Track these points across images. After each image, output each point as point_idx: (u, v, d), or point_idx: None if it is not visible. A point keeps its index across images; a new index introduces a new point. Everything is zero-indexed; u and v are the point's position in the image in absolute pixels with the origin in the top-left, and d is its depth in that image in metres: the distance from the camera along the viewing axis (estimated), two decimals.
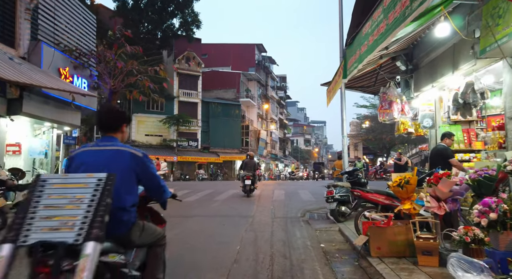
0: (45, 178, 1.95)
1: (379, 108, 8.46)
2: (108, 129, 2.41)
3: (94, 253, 1.64)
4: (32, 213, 1.79)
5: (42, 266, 1.68)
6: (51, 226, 1.75)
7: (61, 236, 1.71)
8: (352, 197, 7.40)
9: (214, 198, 12.07)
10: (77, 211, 1.80)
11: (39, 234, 1.71)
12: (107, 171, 2.00)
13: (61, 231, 1.74)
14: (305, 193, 13.94)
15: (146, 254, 2.41)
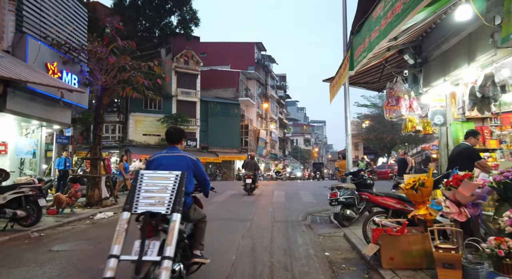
0: (142, 172, 3.06)
1: (386, 105, 7.95)
2: (173, 142, 3.76)
3: (177, 220, 2.71)
4: (138, 193, 2.89)
5: (149, 226, 2.77)
6: (150, 203, 2.84)
7: (157, 209, 2.80)
8: (357, 200, 6.91)
9: (211, 200, 11.54)
10: (165, 194, 2.88)
11: (143, 207, 2.82)
12: (176, 170, 3.07)
13: (157, 206, 2.82)
14: (306, 194, 13.44)
15: (194, 227, 3.69)
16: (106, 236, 6.16)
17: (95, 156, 10.01)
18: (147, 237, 2.78)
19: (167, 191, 2.93)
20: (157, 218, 2.85)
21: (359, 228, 6.50)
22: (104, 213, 8.69)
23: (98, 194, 9.88)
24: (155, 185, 2.97)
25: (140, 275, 2.59)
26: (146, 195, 2.92)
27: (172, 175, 3.02)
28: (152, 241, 2.77)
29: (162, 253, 2.62)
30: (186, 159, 3.54)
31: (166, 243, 2.65)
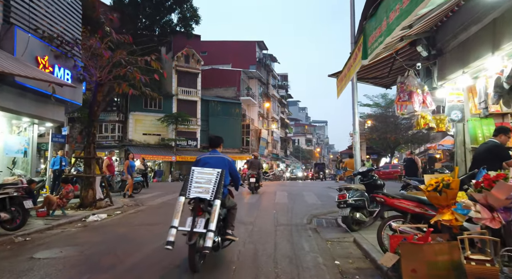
0: (193, 169, 4.23)
1: (397, 100, 7.44)
2: (214, 146, 4.89)
3: (218, 204, 3.94)
4: (190, 183, 4.09)
5: (198, 208, 3.98)
6: (199, 191, 4.04)
7: (204, 196, 4.01)
8: (368, 202, 6.41)
9: None
10: (209, 185, 4.07)
11: (194, 194, 4.03)
12: (217, 168, 4.24)
13: (203, 194, 4.02)
14: (310, 195, 12.93)
15: (227, 212, 4.66)
16: (96, 241, 5.68)
17: (89, 155, 9.53)
18: (196, 215, 4.02)
19: (211, 183, 4.14)
20: (204, 202, 4.06)
21: (370, 232, 6.00)
22: (97, 215, 8.20)
23: (92, 195, 9.40)
24: (203, 178, 4.19)
25: (191, 242, 3.79)
26: (196, 185, 4.15)
27: (215, 172, 4.23)
28: (200, 218, 3.98)
29: (207, 227, 3.85)
30: (224, 160, 4.67)
31: (210, 220, 3.89)
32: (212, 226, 3.82)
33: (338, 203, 6.29)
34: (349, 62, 6.37)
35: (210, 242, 3.76)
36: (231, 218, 4.71)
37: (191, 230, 3.85)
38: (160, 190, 15.41)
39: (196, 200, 4.09)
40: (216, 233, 4.07)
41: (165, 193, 13.89)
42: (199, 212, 4.03)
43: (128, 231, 6.44)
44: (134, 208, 9.81)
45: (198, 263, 3.92)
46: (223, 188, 4.16)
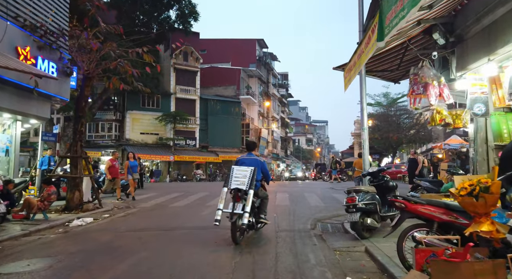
0: (233, 167, 5.69)
1: (409, 93, 6.75)
2: (250, 149, 6.25)
3: (251, 193, 5.28)
4: (231, 177, 5.52)
5: (237, 196, 5.37)
6: (237, 183, 5.43)
7: (241, 187, 5.38)
8: (380, 206, 5.74)
9: (207, 203, 10.39)
10: (245, 179, 5.42)
11: (234, 185, 5.44)
12: (251, 166, 5.56)
13: (240, 185, 5.39)
14: (312, 196, 12.24)
15: (260, 201, 5.89)
16: (73, 251, 5.00)
17: (76, 154, 8.86)
18: (236, 201, 5.33)
19: (246, 178, 5.43)
20: (241, 192, 5.36)
21: (383, 240, 5.31)
22: (82, 219, 7.53)
23: (79, 197, 8.73)
24: (240, 174, 5.50)
25: (232, 220, 5.16)
26: (235, 179, 5.48)
27: (249, 169, 5.52)
28: (238, 203, 5.29)
29: (243, 209, 5.18)
30: (257, 161, 5.95)
31: (246, 204, 5.20)
32: (247, 208, 5.20)
33: (347, 207, 5.62)
34: (359, 49, 5.69)
35: (246, 220, 5.16)
36: (263, 206, 6.03)
37: (232, 211, 5.28)
38: (156, 191, 14.74)
39: (235, 190, 5.50)
40: (251, 215, 5.40)
41: (160, 194, 13.22)
42: (238, 199, 5.41)
43: (112, 239, 5.77)
44: (124, 210, 9.14)
45: (238, 237, 5.31)
46: (255, 182, 5.54)
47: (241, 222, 5.16)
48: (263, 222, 5.94)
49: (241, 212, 5.19)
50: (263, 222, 5.92)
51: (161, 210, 9.26)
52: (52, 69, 8.98)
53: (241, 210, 5.21)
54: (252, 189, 5.33)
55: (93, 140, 30.95)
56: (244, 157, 6.07)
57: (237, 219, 5.19)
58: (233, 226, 5.21)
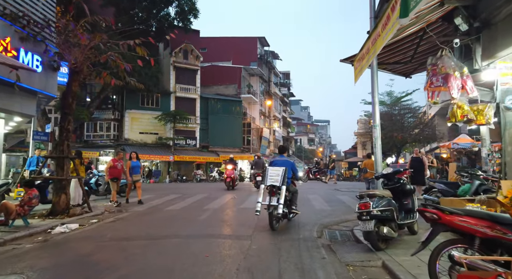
0: (268, 167, 6.89)
1: (427, 86, 6.06)
2: (281, 152, 7.45)
3: (284, 188, 6.33)
4: (266, 177, 6.61)
5: (272, 191, 6.38)
6: (272, 181, 6.46)
7: (275, 184, 6.40)
8: (397, 213, 5.05)
9: (205, 206, 9.72)
10: (278, 177, 6.43)
11: (269, 182, 6.47)
12: (282, 167, 6.61)
13: (275, 182, 6.41)
14: (316, 199, 11.56)
15: (291, 195, 6.90)
16: (44, 266, 4.33)
17: (62, 153, 8.20)
18: (271, 195, 6.35)
19: (279, 176, 6.48)
20: (275, 187, 6.40)
21: (402, 253, 4.65)
22: (66, 225, 6.87)
23: (65, 201, 8.08)
24: (274, 173, 6.57)
25: (269, 210, 6.27)
26: (270, 177, 6.54)
27: (281, 169, 6.58)
28: (274, 197, 6.34)
29: (278, 201, 6.19)
30: (287, 162, 7.02)
31: (279, 198, 6.23)
32: (281, 201, 6.18)
33: (360, 214, 4.93)
34: (373, 34, 5.00)
35: (280, 210, 6.12)
36: (294, 199, 7.08)
37: (269, 203, 6.28)
38: (153, 192, 14.08)
39: (271, 186, 6.43)
40: (284, 206, 6.37)
41: (156, 196, 12.56)
42: (273, 194, 6.36)
43: (93, 250, 5.10)
44: (115, 215, 8.48)
45: (274, 225, 6.31)
46: (287, 179, 6.57)
47: (277, 212, 6.22)
48: (294, 212, 7.04)
49: (276, 204, 6.23)
50: (294, 212, 7.03)
51: (155, 214, 8.60)
52: (37, 62, 8.33)
53: (276, 202, 6.26)
54: (284, 185, 6.42)
55: (91, 140, 30.34)
56: (276, 159, 7.26)
57: (273, 210, 6.28)
58: (270, 215, 6.35)
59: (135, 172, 10.60)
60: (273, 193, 6.39)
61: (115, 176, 10.19)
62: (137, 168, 10.74)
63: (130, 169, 10.49)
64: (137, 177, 10.68)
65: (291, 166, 6.94)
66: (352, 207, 9.64)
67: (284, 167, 6.60)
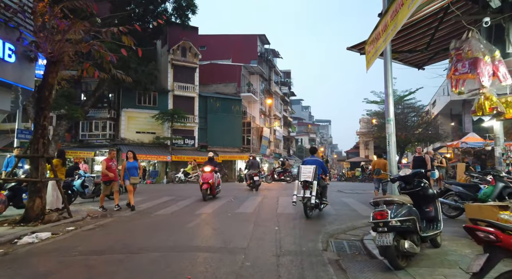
0: (300, 165, 8.35)
1: (450, 73, 5.22)
2: (312, 153, 8.75)
3: (315, 183, 7.60)
4: (299, 173, 7.89)
5: (305, 185, 7.64)
6: (305, 177, 7.73)
7: (308, 179, 7.65)
8: (419, 223, 4.20)
9: (196, 211, 8.87)
10: (310, 174, 7.69)
11: (303, 178, 7.73)
12: (313, 165, 7.88)
13: (308, 178, 7.66)
14: None
15: (322, 189, 8.10)
16: None
17: (37, 153, 7.36)
18: (305, 189, 7.48)
19: (311, 173, 7.59)
20: (308, 182, 7.50)
21: (427, 272, 3.82)
22: (36, 234, 6.04)
23: (40, 205, 7.24)
24: (306, 171, 7.70)
25: (304, 201, 7.55)
26: (303, 174, 7.67)
27: (312, 167, 7.73)
28: (307, 190, 7.48)
29: (311, 194, 7.41)
30: (317, 161, 8.16)
31: (312, 191, 7.43)
32: (313, 193, 7.47)
33: (375, 225, 4.07)
34: (390, 9, 4.15)
35: (313, 201, 7.44)
36: (324, 192, 8.22)
37: (303, 196, 7.55)
38: (146, 194, 13.24)
39: (304, 182, 7.63)
40: (316, 198, 7.54)
41: (149, 198, 11.72)
42: (306, 188, 7.59)
43: (54, 268, 4.26)
44: (97, 221, 7.65)
45: (308, 213, 7.61)
46: (317, 175, 7.76)
47: (310, 202, 7.47)
48: (324, 203, 8.34)
49: (309, 196, 7.48)
50: (324, 203, 8.33)
51: (141, 220, 7.76)
52: (9, 51, 7.48)
53: (309, 194, 7.50)
54: (315, 180, 7.63)
55: (86, 140, 29.54)
56: (308, 159, 8.46)
57: (307, 201, 7.51)
58: (304, 206, 7.62)
59: (132, 174, 9.35)
60: (306, 187, 7.63)
61: (110, 178, 9.13)
62: (134, 169, 9.44)
63: (125, 171, 9.35)
64: (135, 180, 9.42)
65: (320, 164, 8.10)
66: (359, 211, 8.82)
67: (314, 165, 7.86)
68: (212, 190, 11.26)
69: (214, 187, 11.36)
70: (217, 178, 11.79)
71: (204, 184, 10.94)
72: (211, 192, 11.23)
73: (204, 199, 10.73)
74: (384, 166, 9.67)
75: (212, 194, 11.34)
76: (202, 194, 10.88)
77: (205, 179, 11.04)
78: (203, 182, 11.03)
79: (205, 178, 11.09)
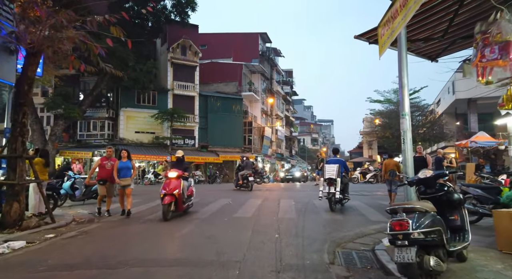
0: (325, 165, 9.15)
1: (476, 61, 4.55)
2: (335, 153, 10.20)
3: (339, 180, 8.62)
4: (324, 172, 8.93)
5: (330, 183, 8.64)
6: (330, 174, 8.68)
7: (332, 177, 8.63)
8: (445, 235, 3.54)
9: (192, 215, 8.22)
10: (334, 172, 8.68)
11: (328, 175, 8.71)
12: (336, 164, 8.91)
13: (332, 175, 8.64)
14: (323, 205, 10.03)
15: (344, 186, 9.10)
16: None
17: (15, 152, 6.73)
18: (329, 186, 8.50)
19: (334, 171, 8.61)
20: (332, 180, 8.52)
21: None
22: (9, 244, 5.40)
23: (18, 210, 6.61)
24: (330, 169, 8.71)
25: (329, 196, 8.59)
26: (327, 172, 8.69)
27: (335, 166, 8.73)
28: (331, 186, 8.51)
29: (335, 190, 8.46)
30: (340, 160, 9.12)
31: (336, 187, 8.47)
32: (337, 189, 8.48)
33: (393, 237, 3.41)
34: None
35: (337, 196, 8.50)
36: (346, 188, 9.42)
37: (328, 191, 8.53)
38: (142, 196, 12.58)
39: (329, 179, 8.59)
40: (340, 194, 8.59)
41: (142, 201, 11.09)
42: (331, 184, 8.54)
43: None
44: (82, 226, 7.02)
45: (334, 207, 8.71)
46: (340, 173, 8.76)
47: (334, 197, 8.51)
48: (347, 198, 9.34)
49: (334, 191, 8.43)
50: (347, 198, 9.33)
51: (128, 226, 7.12)
52: None
53: (333, 190, 8.44)
54: (339, 178, 8.58)
55: (84, 140, 28.96)
56: (331, 159, 9.59)
57: (332, 196, 8.49)
58: (329, 200, 8.66)
59: (123, 175, 8.31)
60: (330, 184, 8.53)
61: (103, 178, 8.34)
62: (126, 169, 8.41)
63: (119, 171, 8.36)
64: (125, 182, 8.29)
65: (342, 163, 9.09)
66: (367, 216, 8.14)
67: (338, 164, 8.83)
68: (179, 204, 7.76)
69: (182, 201, 7.84)
70: (187, 187, 8.45)
71: (166, 197, 7.49)
72: (177, 207, 7.77)
73: (164, 218, 7.38)
74: (396, 166, 9.42)
75: (178, 210, 7.89)
76: (163, 212, 7.48)
77: (169, 189, 7.59)
78: (165, 193, 7.56)
79: (169, 188, 7.61)
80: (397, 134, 35.85)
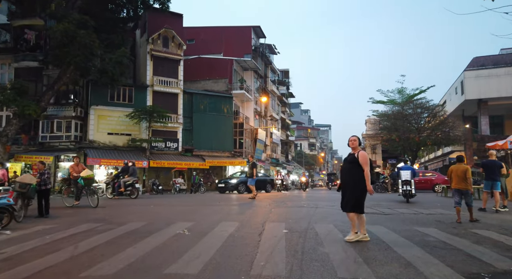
0: (400, 171, 13.94)
1: None
2: (405, 163, 15.86)
3: (412, 181, 13.27)
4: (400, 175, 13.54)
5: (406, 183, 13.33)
6: (405, 177, 13.26)
7: (408, 179, 13.32)
8: None
9: (88, 270, 4.42)
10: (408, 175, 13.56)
11: (403, 178, 13.33)
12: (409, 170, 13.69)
13: (407, 178, 13.38)
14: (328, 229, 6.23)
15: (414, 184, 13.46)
16: None
17: None
18: (406, 185, 13.23)
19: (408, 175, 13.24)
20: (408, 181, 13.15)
21: None
22: None
23: None
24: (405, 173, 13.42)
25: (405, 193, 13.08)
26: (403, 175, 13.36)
27: (408, 171, 13.41)
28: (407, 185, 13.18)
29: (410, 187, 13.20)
30: (410, 167, 13.95)
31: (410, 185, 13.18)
32: (412, 188, 12.89)
33: None
34: None
35: (413, 191, 12.93)
36: (414, 187, 12.91)
37: (405, 189, 12.85)
38: (77, 214, 8.78)
39: (405, 180, 12.94)
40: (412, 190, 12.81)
41: (64, 225, 7.29)
42: (406, 184, 12.84)
43: None
44: None
45: (409, 199, 12.80)
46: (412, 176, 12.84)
47: (411, 192, 12.77)
48: (415, 194, 13.15)
49: (410, 188, 12.79)
50: (415, 194, 13.16)
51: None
52: None
53: (409, 188, 12.78)
54: (412, 179, 12.90)
55: (47, 142, 25.08)
56: (404, 166, 14.24)
57: (409, 192, 12.73)
58: (406, 195, 12.81)
59: None
60: (406, 183, 12.88)
61: None
62: None
63: None
64: None
65: (412, 170, 13.52)
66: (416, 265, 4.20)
67: (409, 170, 13.30)
68: None
69: None
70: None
71: None
72: None
73: None
74: (465, 173, 5.80)
75: None
76: None
77: None
78: None
79: None
80: (404, 137, 32.31)
